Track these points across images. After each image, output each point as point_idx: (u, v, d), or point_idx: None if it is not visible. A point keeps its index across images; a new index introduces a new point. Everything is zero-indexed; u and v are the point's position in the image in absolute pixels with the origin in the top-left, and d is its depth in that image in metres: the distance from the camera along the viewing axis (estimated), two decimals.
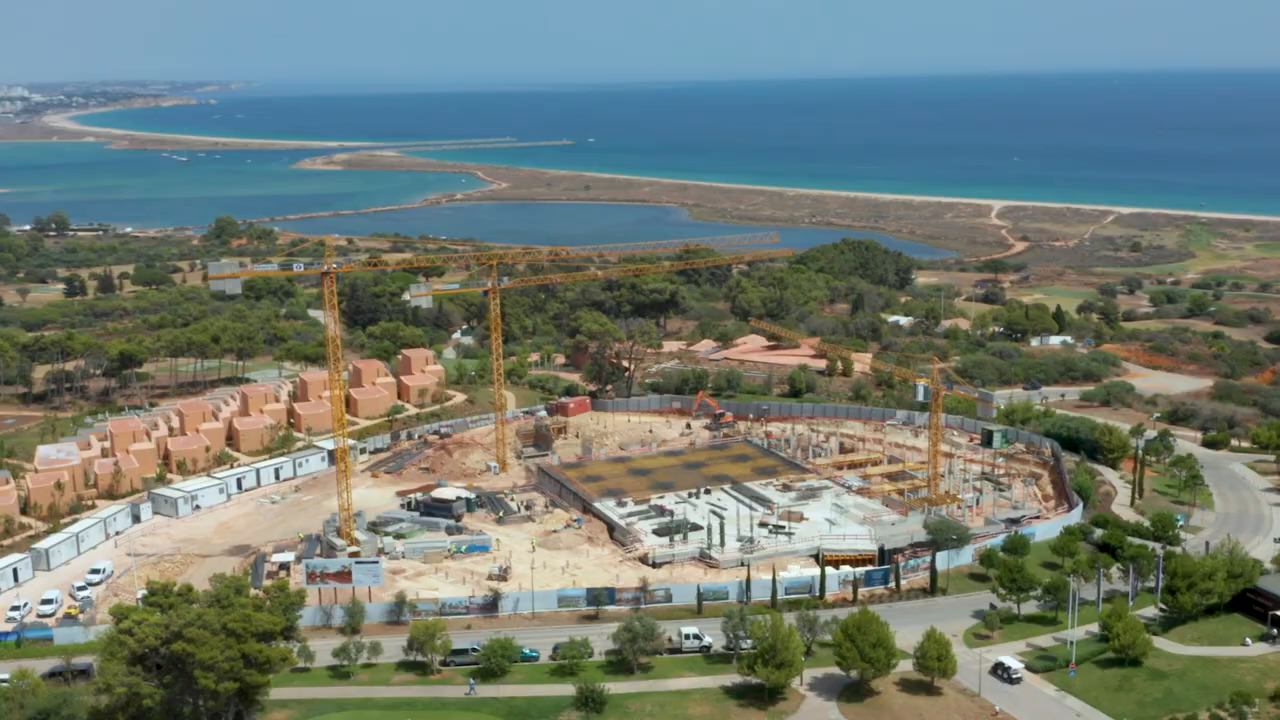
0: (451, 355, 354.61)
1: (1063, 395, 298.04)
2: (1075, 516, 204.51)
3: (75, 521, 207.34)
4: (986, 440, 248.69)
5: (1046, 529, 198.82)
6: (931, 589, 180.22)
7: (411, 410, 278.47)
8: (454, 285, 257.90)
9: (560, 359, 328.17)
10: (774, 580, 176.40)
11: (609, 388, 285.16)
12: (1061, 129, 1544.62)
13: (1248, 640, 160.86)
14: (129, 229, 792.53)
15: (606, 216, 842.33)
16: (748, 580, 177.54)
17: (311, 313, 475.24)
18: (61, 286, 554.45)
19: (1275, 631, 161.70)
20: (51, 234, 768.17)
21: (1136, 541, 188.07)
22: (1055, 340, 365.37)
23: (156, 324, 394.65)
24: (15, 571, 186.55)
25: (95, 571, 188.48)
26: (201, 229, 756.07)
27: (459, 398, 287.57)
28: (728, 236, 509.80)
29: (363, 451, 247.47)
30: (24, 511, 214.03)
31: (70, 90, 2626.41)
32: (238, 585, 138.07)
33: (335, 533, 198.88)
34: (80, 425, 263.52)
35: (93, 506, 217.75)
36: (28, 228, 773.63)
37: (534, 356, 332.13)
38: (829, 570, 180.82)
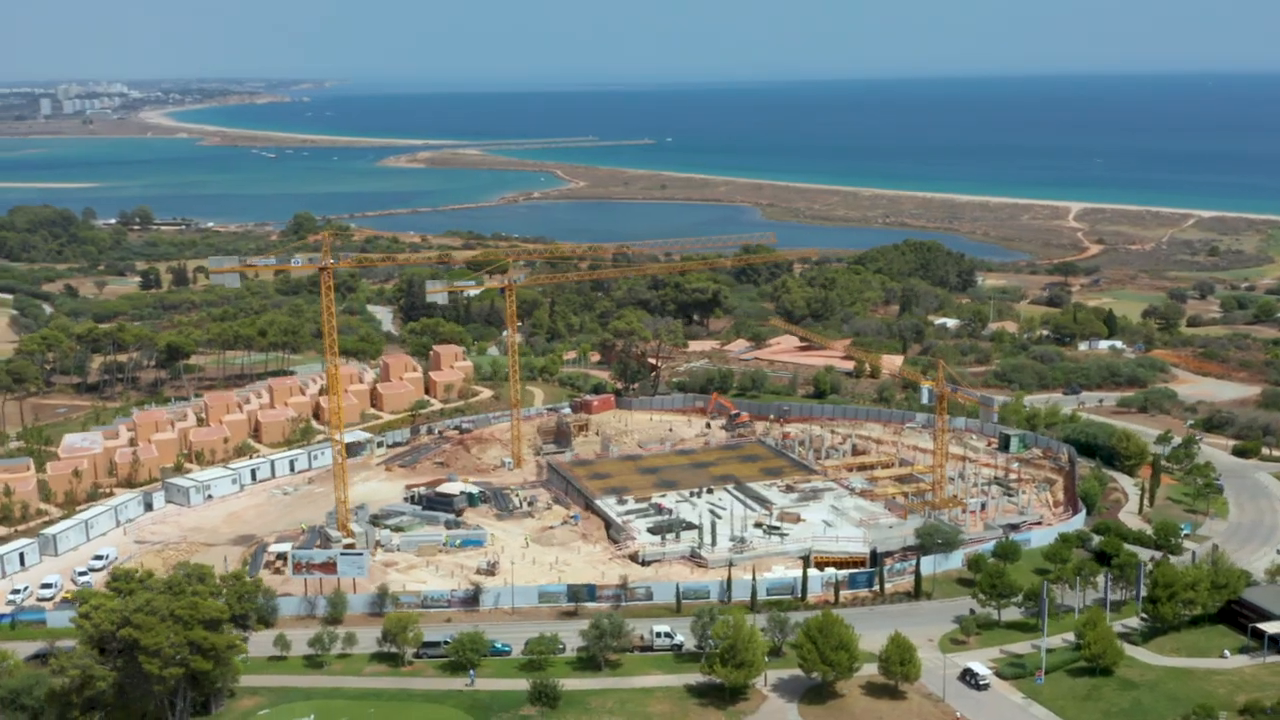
0: (494, 352, 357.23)
1: (1101, 401, 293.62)
2: (1076, 523, 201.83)
3: (86, 509, 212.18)
4: (1004, 445, 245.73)
5: (1046, 535, 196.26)
6: (916, 593, 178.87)
7: (436, 405, 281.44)
8: (471, 282, 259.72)
9: (596, 356, 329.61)
10: (753, 581, 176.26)
11: (634, 386, 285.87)
12: (1147, 131, 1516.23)
13: (1226, 653, 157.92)
14: (210, 224, 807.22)
15: (679, 215, 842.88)
16: (729, 580, 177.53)
17: (370, 308, 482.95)
18: (137, 279, 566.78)
19: (1255, 644, 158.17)
20: (135, 228, 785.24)
21: (1131, 549, 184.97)
22: (1104, 345, 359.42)
23: (219, 316, 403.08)
24: (22, 556, 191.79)
25: (98, 558, 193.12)
26: (281, 224, 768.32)
27: (485, 394, 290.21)
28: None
29: (380, 445, 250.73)
30: (45, 499, 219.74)
31: (168, 87, 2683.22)
32: (200, 574, 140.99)
33: (336, 525, 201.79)
34: (124, 415, 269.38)
35: (110, 494, 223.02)
36: (113, 221, 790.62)
37: (571, 354, 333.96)
38: (813, 572, 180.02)
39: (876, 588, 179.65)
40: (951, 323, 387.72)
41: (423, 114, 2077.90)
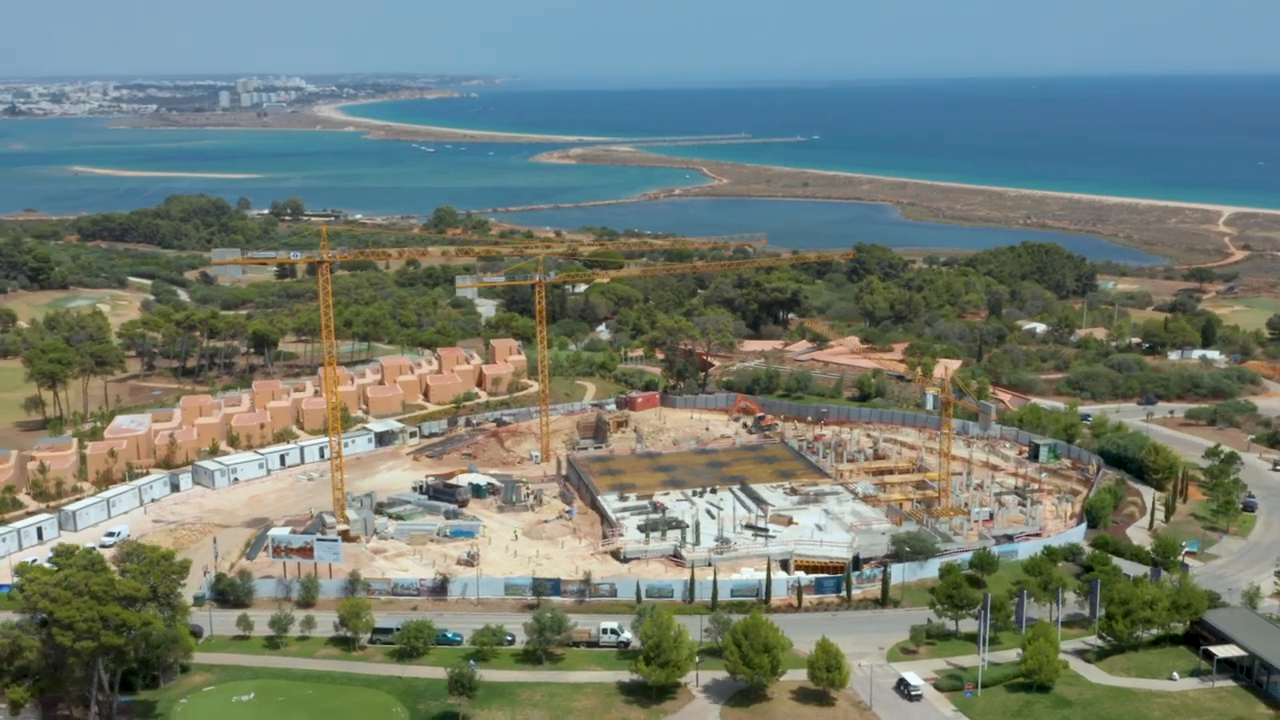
0: (574, 348, 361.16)
1: (1171, 412, 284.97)
2: (1075, 536, 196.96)
3: (110, 487, 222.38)
4: (1034, 454, 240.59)
5: (1036, 547, 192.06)
6: (883, 600, 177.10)
7: (484, 398, 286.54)
8: (500, 278, 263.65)
9: (660, 354, 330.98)
10: (714, 582, 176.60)
11: (680, 384, 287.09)
12: None
13: (1175, 675, 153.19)
14: (358, 215, 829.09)
15: (812, 213, 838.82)
16: (692, 580, 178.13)
17: (479, 301, 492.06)
18: (274, 269, 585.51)
19: (1208, 667, 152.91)
20: (286, 218, 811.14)
21: (1119, 564, 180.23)
22: (1197, 354, 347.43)
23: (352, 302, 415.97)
24: (40, 530, 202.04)
25: (111, 534, 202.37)
26: (425, 218, 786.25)
27: (534, 387, 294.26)
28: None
29: (412, 435, 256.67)
30: (83, 478, 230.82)
31: (344, 81, 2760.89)
32: (139, 553, 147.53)
33: (364, 509, 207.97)
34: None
35: (145, 474, 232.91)
36: (265, 211, 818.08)
37: (638, 351, 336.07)
38: (781, 575, 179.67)
39: (844, 593, 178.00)
40: (1040, 328, 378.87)
41: (585, 110, 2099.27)
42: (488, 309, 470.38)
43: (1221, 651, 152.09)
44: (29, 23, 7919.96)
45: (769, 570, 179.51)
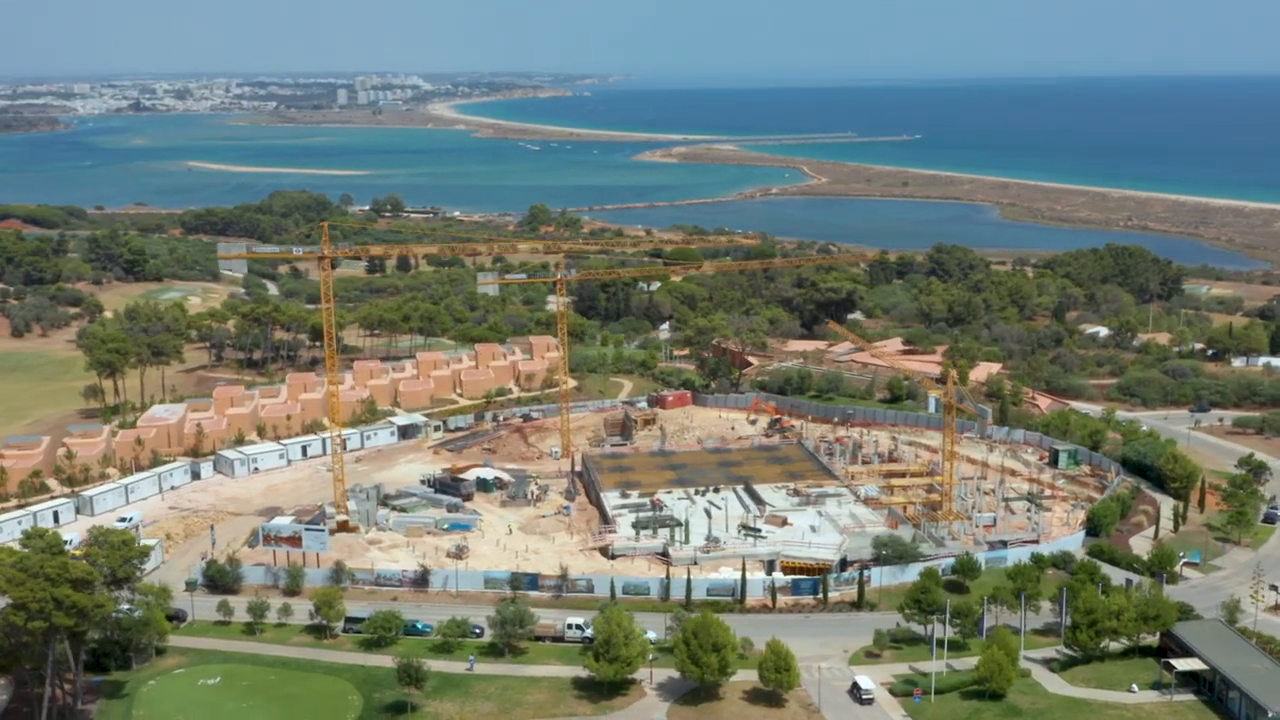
0: (628, 346, 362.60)
1: (1220, 420, 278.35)
2: (1071, 543, 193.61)
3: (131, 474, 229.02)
4: (1054, 460, 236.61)
5: (1025, 554, 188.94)
6: (859, 603, 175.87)
7: (516, 393, 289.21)
8: (520, 276, 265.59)
9: (692, 352, 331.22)
10: (688, 580, 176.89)
11: (712, 383, 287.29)
12: None
13: (1134, 687, 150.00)
14: (456, 213, 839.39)
15: (908, 213, 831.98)
16: (667, 577, 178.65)
17: (550, 299, 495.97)
18: (364, 264, 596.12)
19: (1171, 680, 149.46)
20: (386, 215, 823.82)
21: (1107, 573, 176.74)
22: (1263, 361, 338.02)
23: (423, 299, 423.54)
24: (56, 514, 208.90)
25: (122, 520, 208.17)
26: (520, 215, 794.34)
27: (570, 384, 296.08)
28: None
29: (436, 429, 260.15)
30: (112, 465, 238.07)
31: (460, 80, 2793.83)
32: (107, 537, 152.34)
33: (371, 500, 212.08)
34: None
35: (171, 462, 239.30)
36: (365, 208, 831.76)
37: (684, 350, 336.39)
38: (758, 576, 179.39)
39: (822, 595, 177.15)
40: (1104, 332, 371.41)
41: (694, 109, 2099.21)
42: (552, 308, 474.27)
43: (1181, 664, 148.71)
44: (157, 21, 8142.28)
45: (744, 570, 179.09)
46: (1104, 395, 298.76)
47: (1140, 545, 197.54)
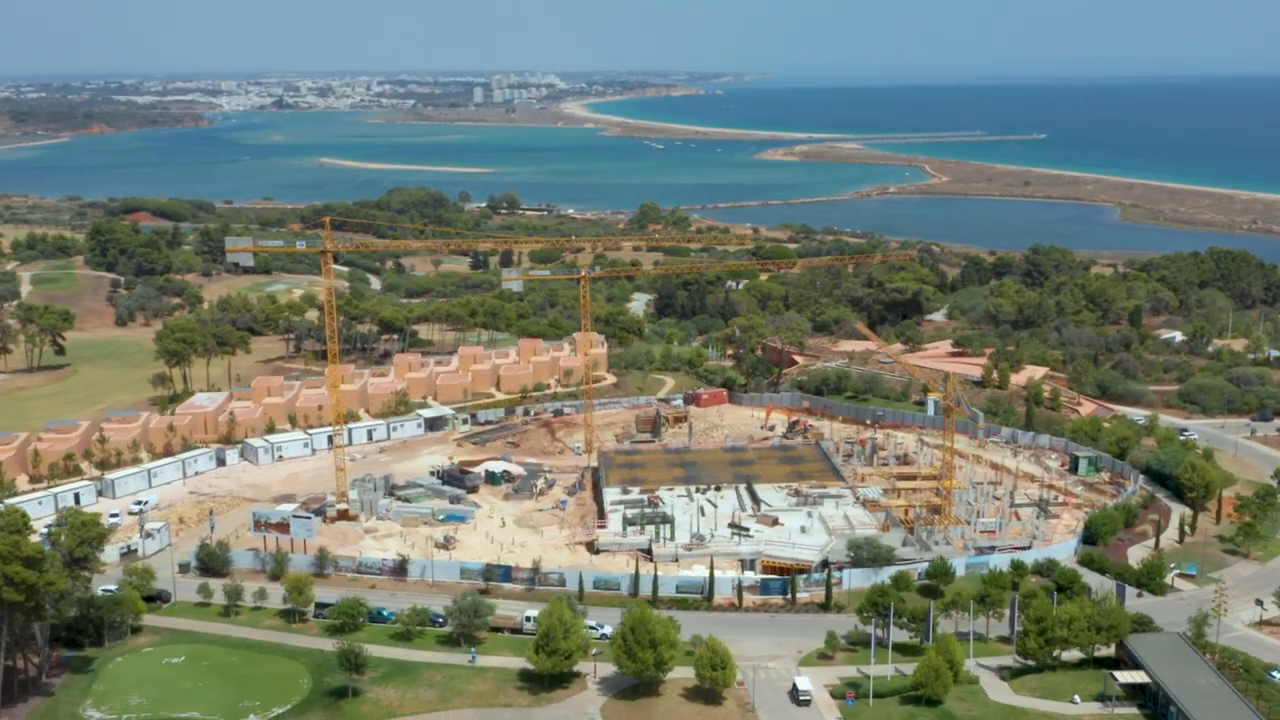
0: (692, 344, 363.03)
1: (1279, 429, 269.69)
2: (1062, 551, 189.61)
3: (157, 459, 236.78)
4: (1074, 466, 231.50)
5: (1008, 560, 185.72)
6: (826, 605, 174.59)
7: (554, 388, 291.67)
8: (544, 272, 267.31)
9: (758, 350, 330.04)
10: (654, 577, 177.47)
11: (750, 382, 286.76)
12: None
13: (1077, 698, 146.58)
14: (570, 210, 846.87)
15: (1026, 213, 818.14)
16: (636, 573, 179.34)
17: (637, 296, 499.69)
18: (469, 259, 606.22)
19: (1120, 692, 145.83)
20: (502, 211, 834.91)
21: (1087, 582, 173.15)
22: None
23: (499, 296, 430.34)
24: (77, 495, 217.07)
25: (139, 503, 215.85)
26: (633, 213, 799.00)
27: (608, 380, 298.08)
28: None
29: (464, 422, 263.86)
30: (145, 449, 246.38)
31: (595, 79, 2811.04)
32: (74, 519, 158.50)
33: (378, 490, 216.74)
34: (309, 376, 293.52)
35: (205, 448, 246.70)
36: (482, 205, 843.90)
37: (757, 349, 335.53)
38: (723, 575, 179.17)
39: (790, 596, 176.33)
40: (1178, 337, 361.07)
41: (824, 107, 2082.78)
42: (638, 305, 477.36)
43: (1124, 676, 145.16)
44: (305, 20, 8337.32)
45: (711, 568, 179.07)
46: (1163, 402, 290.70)
47: (1139, 555, 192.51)
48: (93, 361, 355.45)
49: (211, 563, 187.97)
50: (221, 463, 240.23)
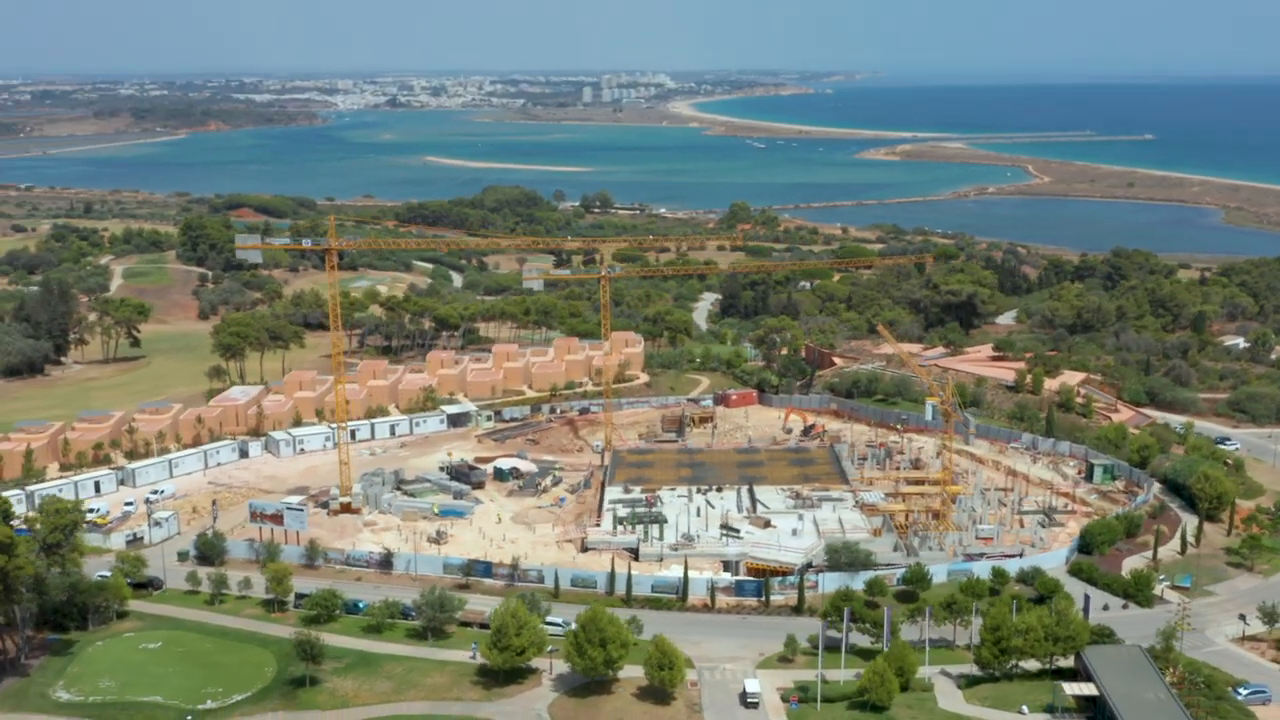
0: (745, 344, 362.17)
1: None
2: (1051, 560, 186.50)
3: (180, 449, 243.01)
4: (1089, 474, 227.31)
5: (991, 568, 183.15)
6: (798, 608, 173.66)
7: (587, 386, 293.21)
8: (566, 271, 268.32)
9: (801, 350, 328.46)
10: (629, 576, 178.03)
11: (780, 382, 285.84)
12: None
13: (1024, 709, 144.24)
14: (662, 210, 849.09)
15: (1125, 215, 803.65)
16: (612, 572, 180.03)
17: (706, 295, 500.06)
18: (552, 259, 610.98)
19: (1071, 704, 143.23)
20: (595, 210, 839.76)
21: (1070, 593, 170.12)
22: None
23: (565, 295, 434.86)
24: (97, 484, 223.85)
25: (155, 492, 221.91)
26: (721, 212, 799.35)
27: (641, 379, 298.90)
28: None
29: (488, 419, 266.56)
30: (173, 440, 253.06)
31: (705, 78, 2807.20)
32: (56, 507, 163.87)
33: (386, 484, 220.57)
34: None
35: (231, 439, 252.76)
36: (575, 204, 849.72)
37: (782, 349, 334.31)
38: (697, 575, 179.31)
39: (764, 598, 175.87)
40: (1243, 343, 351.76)
41: (933, 106, 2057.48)
42: (702, 307, 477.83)
43: (1070, 688, 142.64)
44: (421, 20, 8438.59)
45: (686, 569, 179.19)
46: (1212, 410, 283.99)
47: (1137, 565, 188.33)
48: (167, 353, 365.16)
49: (208, 552, 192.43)
50: (244, 454, 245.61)
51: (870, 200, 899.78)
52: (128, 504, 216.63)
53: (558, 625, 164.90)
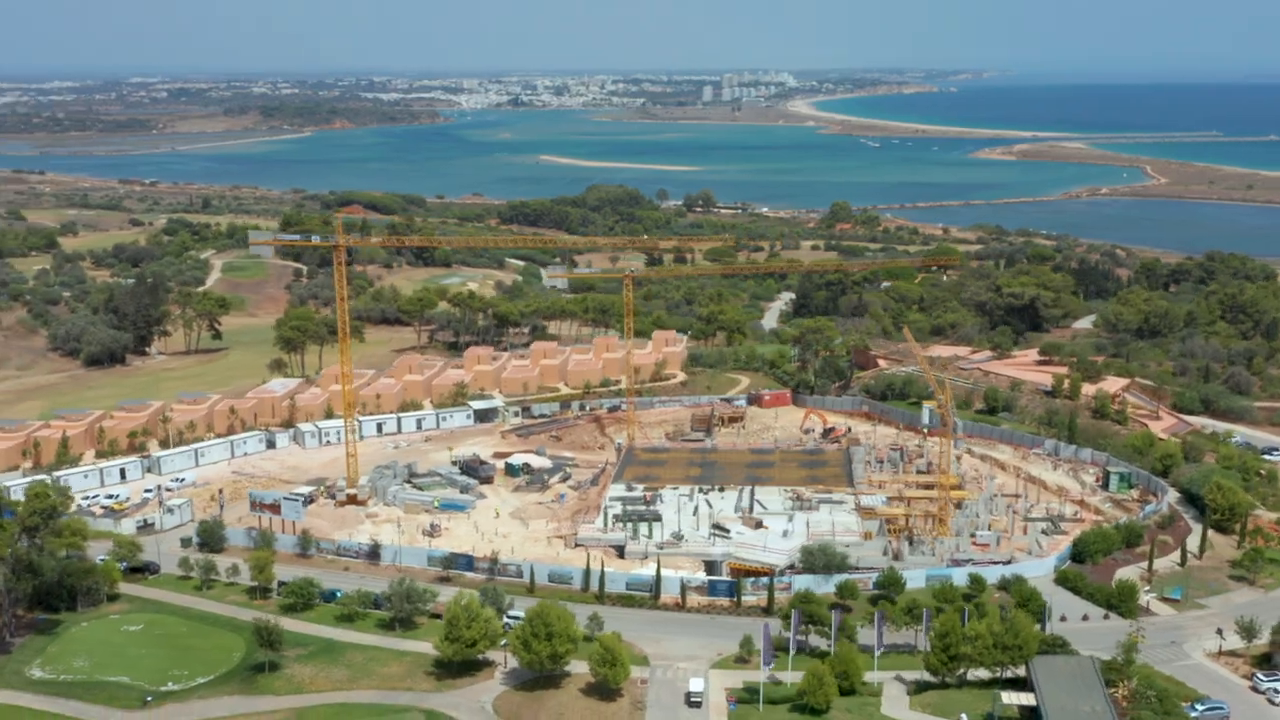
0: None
1: None
2: (1038, 569, 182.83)
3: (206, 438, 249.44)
4: (1105, 482, 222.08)
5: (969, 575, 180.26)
6: (768, 609, 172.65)
7: (622, 384, 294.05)
8: (585, 270, 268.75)
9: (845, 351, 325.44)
10: (601, 573, 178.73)
11: (814, 384, 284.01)
12: None
13: (963, 716, 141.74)
14: (764, 209, 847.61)
15: (1238, 218, 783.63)
16: (587, 569, 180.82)
17: (783, 295, 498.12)
18: (643, 256, 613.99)
19: (1010, 711, 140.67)
20: (697, 210, 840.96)
21: (1047, 600, 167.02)
22: None
23: (647, 295, 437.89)
24: (123, 471, 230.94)
25: (177, 479, 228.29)
26: (823, 211, 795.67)
27: (678, 378, 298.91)
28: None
29: (515, 414, 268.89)
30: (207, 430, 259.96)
31: (829, 77, 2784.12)
32: (42, 491, 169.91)
33: (396, 477, 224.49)
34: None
35: (266, 429, 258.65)
36: (678, 203, 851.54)
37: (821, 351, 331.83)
38: (670, 574, 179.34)
39: (735, 598, 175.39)
40: None
41: (1058, 104, 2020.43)
42: (777, 306, 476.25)
43: (1009, 697, 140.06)
44: (548, 21, 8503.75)
45: (659, 567, 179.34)
46: (1268, 419, 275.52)
47: (1128, 575, 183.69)
48: (247, 346, 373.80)
49: (209, 539, 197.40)
50: (271, 445, 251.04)
51: (978, 200, 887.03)
52: (148, 491, 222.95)
53: (521, 619, 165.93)
